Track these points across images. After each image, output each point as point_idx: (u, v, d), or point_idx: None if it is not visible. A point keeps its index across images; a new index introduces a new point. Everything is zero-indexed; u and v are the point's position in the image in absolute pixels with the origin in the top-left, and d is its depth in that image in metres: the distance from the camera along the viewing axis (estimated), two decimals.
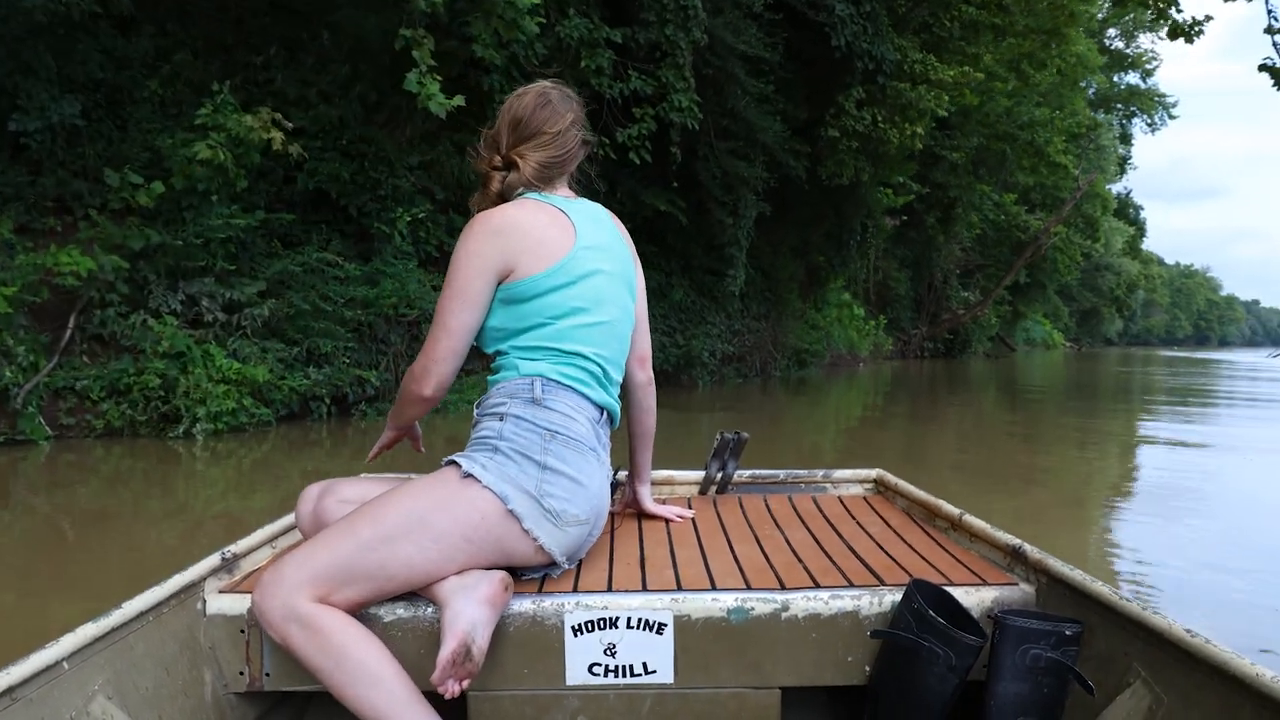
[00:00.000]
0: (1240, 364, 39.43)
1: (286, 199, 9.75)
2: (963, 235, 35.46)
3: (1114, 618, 1.68)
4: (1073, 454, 7.99)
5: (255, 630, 1.77)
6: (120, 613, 1.57)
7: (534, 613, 1.76)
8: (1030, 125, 29.25)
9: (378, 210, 9.98)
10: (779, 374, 19.26)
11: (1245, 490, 6.35)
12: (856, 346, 26.65)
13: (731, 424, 10.01)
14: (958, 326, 37.21)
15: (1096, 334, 78.36)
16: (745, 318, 17.95)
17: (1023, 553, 1.98)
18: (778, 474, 3.00)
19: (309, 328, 8.94)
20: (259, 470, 6.53)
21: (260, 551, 2.13)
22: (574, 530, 1.86)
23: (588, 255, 1.96)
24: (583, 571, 1.97)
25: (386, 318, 9.80)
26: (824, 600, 1.79)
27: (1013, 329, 47.78)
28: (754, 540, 2.26)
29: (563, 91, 2.11)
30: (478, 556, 1.77)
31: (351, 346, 9.39)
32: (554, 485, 1.82)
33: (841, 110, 14.09)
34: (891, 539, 2.29)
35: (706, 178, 13.78)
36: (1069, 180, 37.89)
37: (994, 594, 1.86)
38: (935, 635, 1.66)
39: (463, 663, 1.59)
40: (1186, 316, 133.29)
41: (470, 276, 1.90)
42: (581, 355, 1.94)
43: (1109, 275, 64.52)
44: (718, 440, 2.82)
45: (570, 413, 1.89)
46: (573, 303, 1.94)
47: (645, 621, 1.76)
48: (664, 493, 2.88)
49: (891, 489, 2.84)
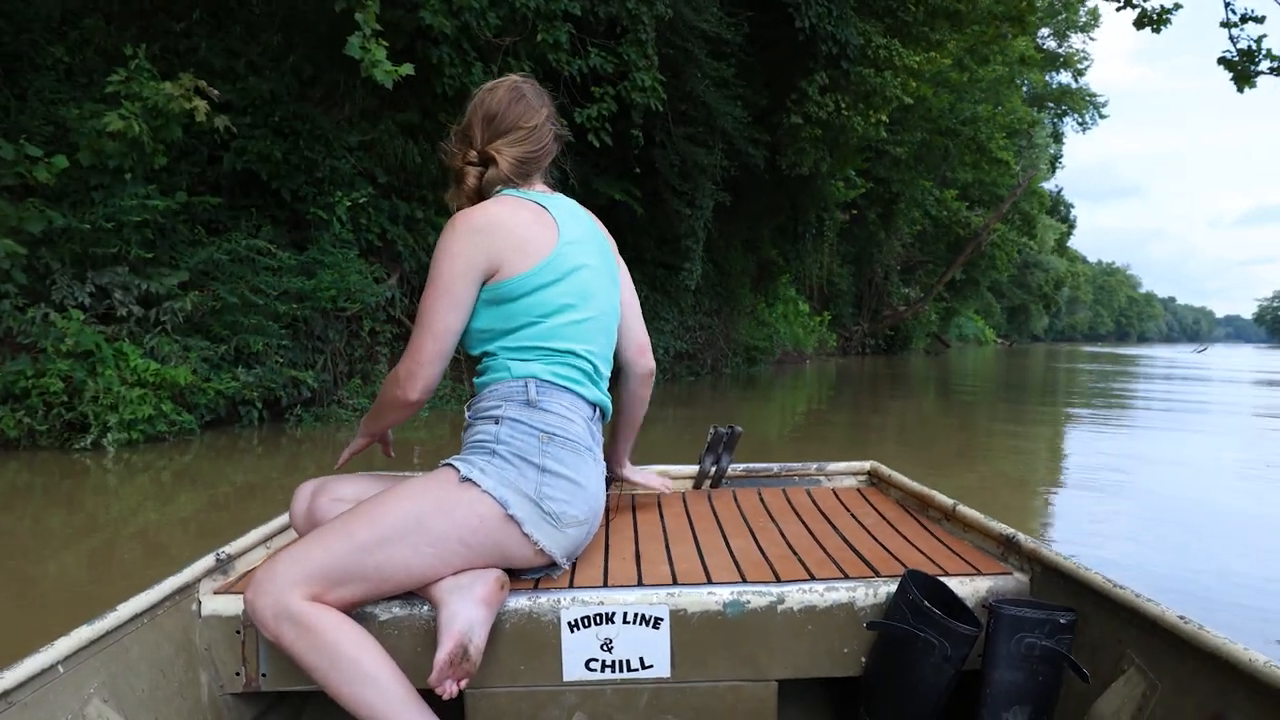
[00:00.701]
0: (1160, 359, 40.05)
1: (212, 181, 8.80)
2: (904, 231, 35.40)
3: (1108, 605, 1.69)
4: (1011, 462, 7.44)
5: (251, 631, 1.76)
6: (115, 615, 1.55)
7: (530, 609, 1.76)
8: (973, 121, 29.21)
9: (314, 194, 9.06)
10: (730, 372, 18.64)
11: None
12: (802, 344, 26.23)
13: (689, 423, 9.58)
14: (899, 323, 37.17)
15: (1024, 330, 79.78)
16: (698, 314, 17.28)
17: (1016, 542, 1.99)
18: (771, 467, 3.00)
19: (237, 323, 8.00)
20: (181, 484, 5.64)
21: (255, 552, 2.09)
22: (573, 531, 1.85)
23: (572, 250, 1.93)
24: (578, 567, 1.96)
25: (324, 312, 8.89)
26: (819, 592, 1.80)
27: (947, 326, 48.09)
28: (749, 533, 2.26)
29: (534, 85, 2.09)
30: (475, 559, 1.75)
31: (285, 344, 8.48)
32: (553, 488, 1.81)
33: (804, 96, 13.44)
34: (886, 530, 2.30)
35: (664, 165, 13.04)
36: (1008, 177, 38.15)
37: (988, 583, 1.87)
38: (930, 625, 1.67)
39: (460, 663, 1.59)
40: (1109, 313, 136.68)
41: (454, 276, 1.85)
42: (573, 353, 1.92)
43: (1038, 272, 65.55)
44: (711, 434, 2.80)
45: (566, 413, 1.87)
46: (561, 300, 1.90)
47: (641, 616, 1.76)
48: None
49: (885, 481, 2.84)
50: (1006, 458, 7.21)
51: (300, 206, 9.04)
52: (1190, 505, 5.41)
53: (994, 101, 31.73)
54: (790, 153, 14.36)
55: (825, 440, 8.30)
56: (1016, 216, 40.30)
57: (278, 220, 9.16)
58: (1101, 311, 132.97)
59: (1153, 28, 13.42)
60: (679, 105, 12.77)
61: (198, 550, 1.95)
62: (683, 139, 13.06)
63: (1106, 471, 6.55)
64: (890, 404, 12.61)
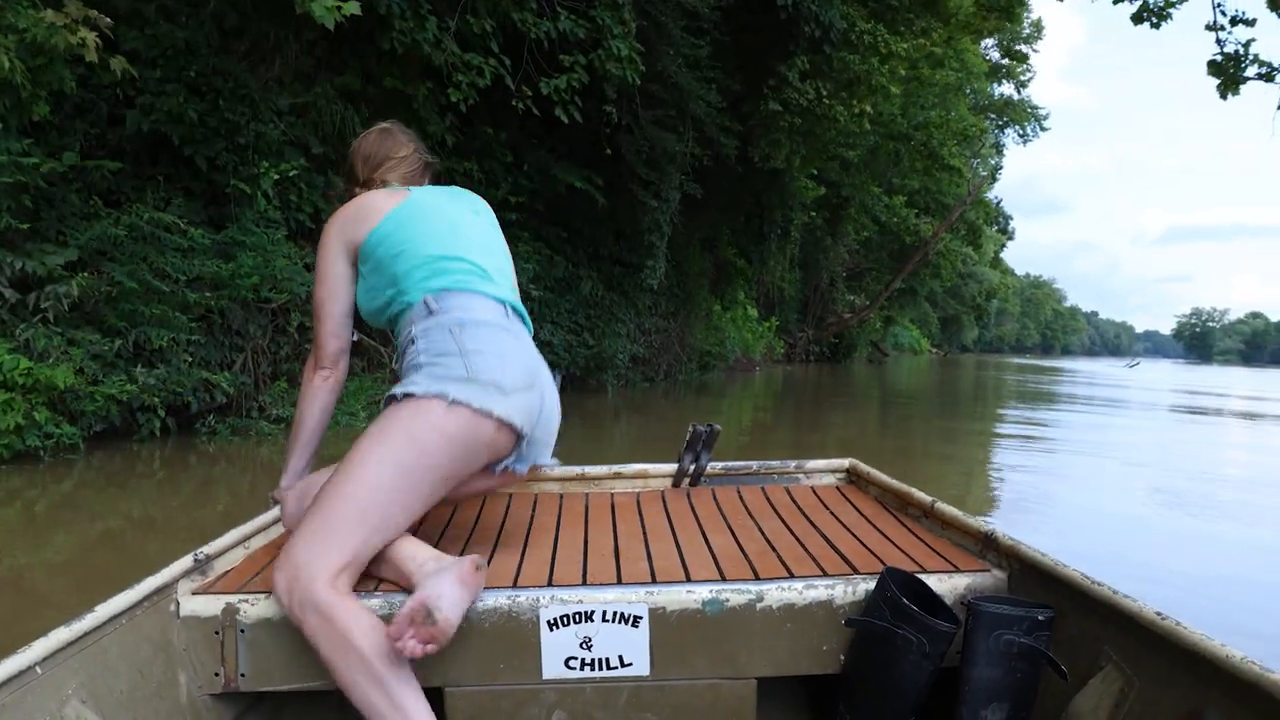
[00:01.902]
0: (1096, 375, 39.85)
1: (112, 144, 7.39)
2: (850, 237, 34.75)
3: (1085, 602, 1.68)
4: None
5: (230, 631, 1.75)
6: (93, 616, 1.54)
7: (509, 608, 1.76)
8: (925, 126, 28.60)
9: (235, 164, 7.69)
10: (683, 378, 17.51)
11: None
12: (751, 349, 25.31)
13: (646, 430, 8.99)
14: (843, 330, 36.56)
15: (955, 341, 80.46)
16: (654, 315, 16.12)
17: (994, 539, 1.98)
18: (751, 465, 2.97)
19: (137, 314, 6.62)
20: (59, 517, 4.35)
21: (233, 552, 2.06)
22: (522, 396, 1.88)
23: (422, 197, 2.08)
24: (557, 565, 1.97)
25: (244, 303, 7.53)
26: (798, 590, 1.79)
27: (884, 334, 47.81)
28: (728, 531, 2.26)
29: (401, 126, 2.32)
30: (458, 465, 1.82)
31: (196, 340, 7.11)
32: (481, 361, 1.85)
33: (784, 81, 12.35)
34: (865, 528, 2.30)
35: (630, 151, 11.86)
36: (955, 186, 37.85)
37: (967, 580, 1.87)
38: (909, 623, 1.66)
39: (422, 623, 1.57)
40: (1035, 326, 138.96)
41: (327, 263, 2.05)
42: (454, 258, 2.00)
43: (972, 283, 65.80)
44: (690, 433, 2.79)
45: (468, 305, 1.95)
46: (422, 225, 2.01)
47: (620, 614, 1.75)
48: (638, 485, 2.88)
49: (864, 478, 2.82)
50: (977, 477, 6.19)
51: (219, 178, 7.67)
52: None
53: (945, 108, 31.31)
54: (763, 143, 13.27)
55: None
56: (962, 226, 40.03)
57: (192, 193, 7.78)
58: (1028, 324, 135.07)
59: (1151, 23, 12.64)
60: (648, 86, 11.59)
61: (78, 607, 1.59)
62: (651, 123, 11.89)
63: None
64: (859, 415, 11.60)
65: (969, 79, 35.53)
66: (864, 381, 21.97)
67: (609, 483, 2.86)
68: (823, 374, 26.07)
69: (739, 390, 16.25)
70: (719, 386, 17.32)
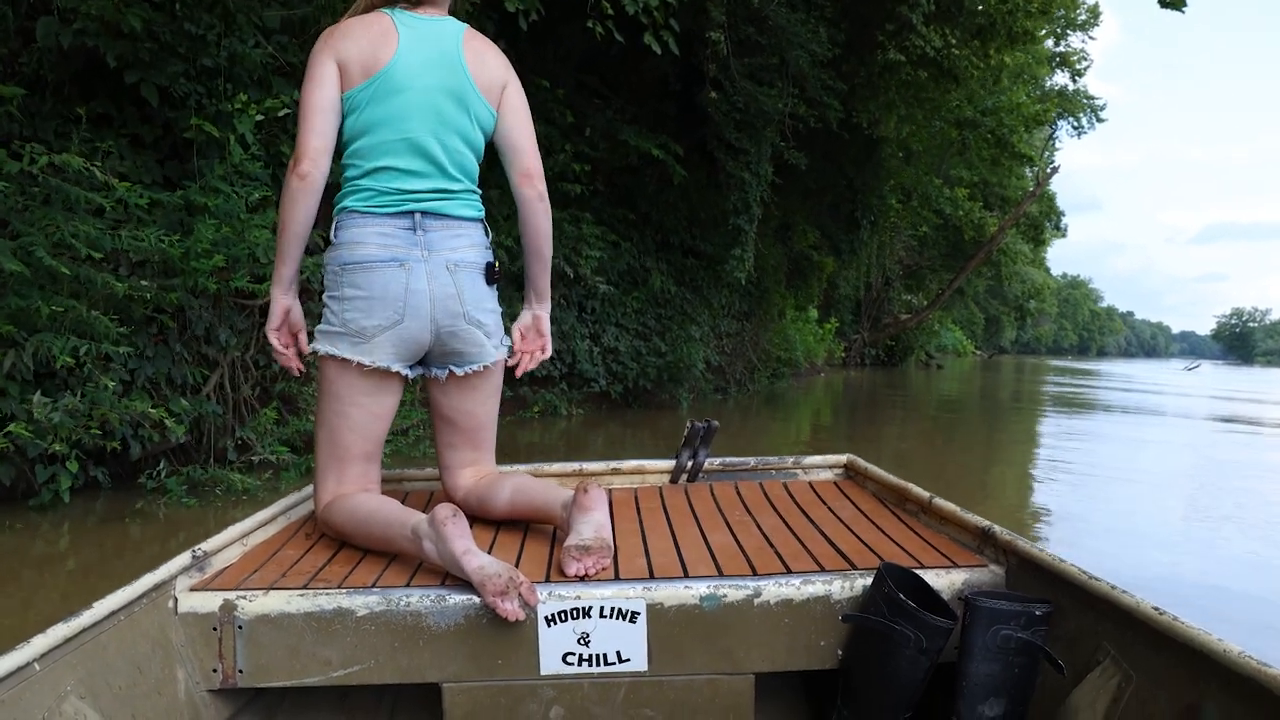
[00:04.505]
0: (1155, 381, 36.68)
1: (26, 70, 5.08)
2: (906, 233, 32.27)
3: (1083, 597, 1.68)
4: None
5: (228, 627, 1.76)
6: (91, 612, 1.54)
7: None
8: (994, 111, 26.09)
9: (199, 96, 5.32)
10: (757, 388, 15.06)
11: None
12: (813, 353, 22.86)
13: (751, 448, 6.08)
14: (899, 332, 34.13)
15: (993, 342, 77.97)
16: (727, 316, 13.69)
17: (992, 534, 1.98)
18: (748, 461, 2.95)
19: (32, 313, 4.25)
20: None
21: (231, 549, 2.07)
22: (384, 336, 2.11)
23: (400, 72, 2.10)
24: (555, 560, 1.98)
25: (208, 296, 5.18)
26: (796, 586, 1.80)
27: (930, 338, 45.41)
28: (726, 527, 2.27)
29: None
30: (362, 394, 2.16)
31: (132, 351, 4.76)
32: (351, 310, 2.10)
33: (907, 26, 9.86)
34: (862, 523, 2.30)
35: (719, 110, 9.44)
36: (1018, 178, 35.44)
37: (964, 576, 1.87)
38: (906, 618, 1.67)
39: (578, 557, 1.87)
40: (1072, 327, 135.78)
41: (316, 67, 2.09)
42: (381, 170, 2.12)
43: (1015, 283, 63.16)
44: (688, 428, 2.81)
45: (358, 238, 2.10)
46: (374, 119, 2.10)
47: (618, 610, 1.76)
48: (635, 481, 2.88)
49: (862, 474, 2.82)
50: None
51: (175, 115, 5.31)
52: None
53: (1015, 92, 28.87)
54: (872, 105, 10.77)
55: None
56: (1024, 221, 37.57)
57: (140, 142, 5.42)
58: (1065, 325, 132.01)
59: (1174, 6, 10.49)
60: (743, 29, 9.19)
61: None
62: (744, 75, 9.46)
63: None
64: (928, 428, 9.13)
65: (1034, 65, 33.22)
66: (922, 387, 19.78)
67: (607, 479, 2.86)
68: (878, 379, 23.74)
69: (807, 398, 13.94)
70: (792, 396, 14.95)
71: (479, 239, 2.22)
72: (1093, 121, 52.27)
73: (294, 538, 2.23)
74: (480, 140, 2.24)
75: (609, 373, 10.16)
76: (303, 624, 1.75)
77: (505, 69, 2.26)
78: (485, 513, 2.27)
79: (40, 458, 4.38)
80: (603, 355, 10.08)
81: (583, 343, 9.71)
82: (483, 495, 2.28)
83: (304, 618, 1.75)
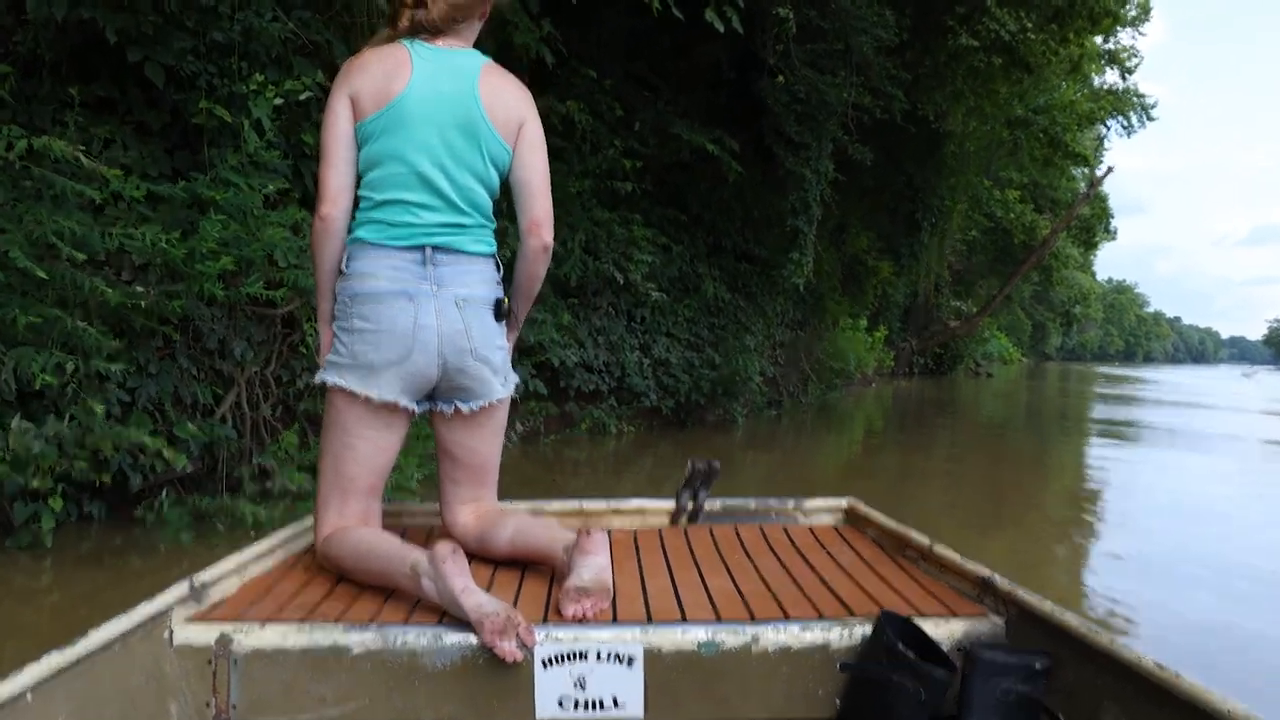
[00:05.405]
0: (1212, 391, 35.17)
1: (22, 49, 4.51)
2: (956, 237, 31.32)
3: (1084, 650, 1.66)
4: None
5: (223, 661, 1.74)
6: (85, 642, 1.52)
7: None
8: (1047, 110, 25.12)
9: (210, 76, 4.71)
10: (810, 400, 14.28)
11: None
12: (864, 363, 22.03)
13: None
14: (948, 340, 33.14)
15: (1038, 349, 76.47)
16: (781, 325, 12.95)
17: (993, 584, 1.96)
18: (749, 503, 2.93)
19: (9, 322, 3.62)
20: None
21: (228, 580, 2.02)
22: (392, 371, 2.09)
23: (412, 105, 2.09)
24: (552, 602, 1.96)
25: (220, 305, 4.56)
26: (794, 633, 1.79)
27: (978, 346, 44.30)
28: (725, 571, 2.25)
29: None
30: (367, 427, 2.14)
31: (130, 368, 4.14)
32: (361, 343, 2.08)
33: (980, 7, 9.10)
34: (862, 569, 2.28)
35: (778, 101, 8.73)
36: (1069, 180, 34.40)
37: (964, 626, 1.85)
38: (905, 668, 1.64)
39: (578, 600, 1.84)
40: (1119, 332, 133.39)
41: (333, 100, 2.12)
42: (391, 203, 2.10)
43: (1062, 288, 61.84)
44: (689, 470, 2.79)
45: (368, 270, 2.09)
46: (386, 152, 2.10)
47: (615, 654, 1.74)
48: (635, 521, 2.83)
49: (862, 519, 2.78)
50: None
51: (183, 99, 4.69)
52: None
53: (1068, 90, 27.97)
54: (938, 96, 10.00)
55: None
56: (1076, 224, 36.49)
57: (146, 129, 4.81)
58: (1111, 330, 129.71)
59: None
60: (804, 12, 8.47)
61: None
62: (805, 63, 8.75)
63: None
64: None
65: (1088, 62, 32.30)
66: (983, 400, 18.91)
67: (606, 518, 2.80)
68: (928, 389, 23.15)
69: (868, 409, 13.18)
70: (846, 407, 14.19)
71: (490, 274, 2.21)
72: (1143, 120, 50.92)
73: (292, 570, 2.19)
74: (493, 176, 2.20)
75: (660, 386, 9.45)
76: (298, 659, 1.72)
77: (525, 106, 2.23)
78: (485, 551, 2.25)
79: (20, 493, 3.75)
80: (653, 367, 9.38)
81: (632, 354, 9.01)
82: (483, 533, 2.26)
83: (300, 653, 1.72)
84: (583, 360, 8.34)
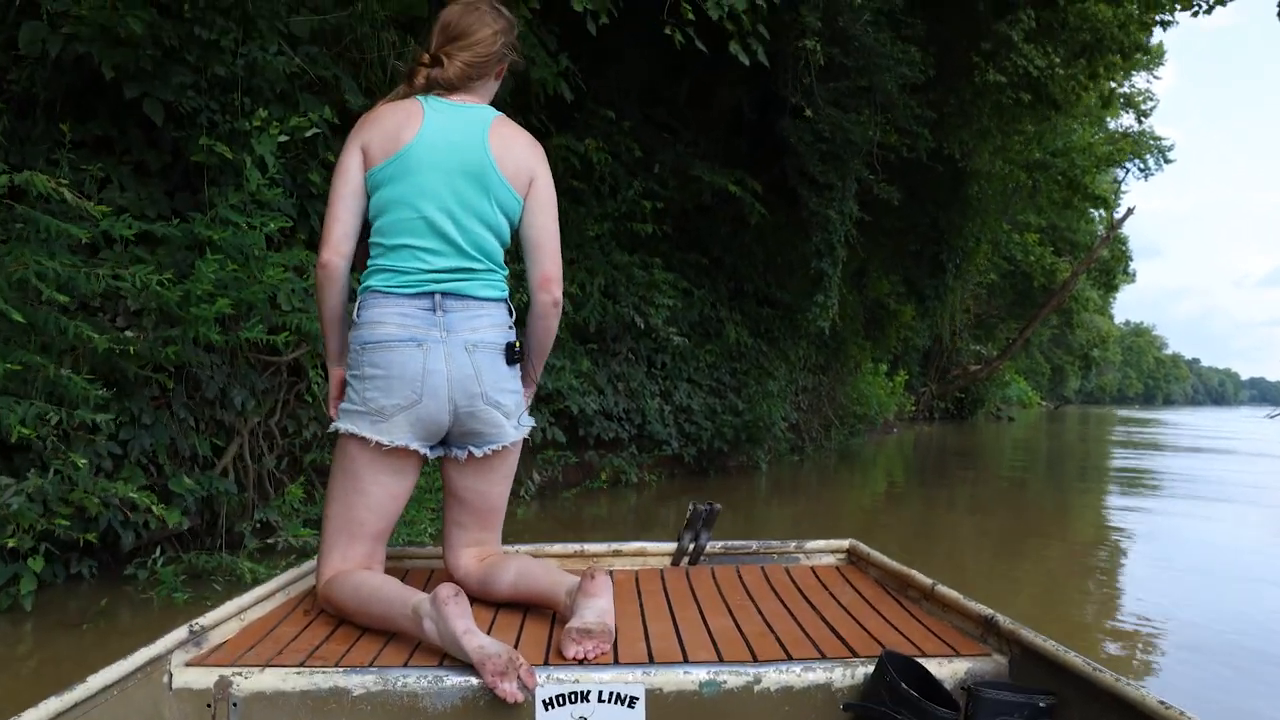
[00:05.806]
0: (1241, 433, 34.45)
1: (16, 86, 4.31)
2: (972, 279, 31.05)
3: (1088, 689, 1.65)
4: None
5: (222, 704, 1.72)
6: (84, 687, 1.51)
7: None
8: (1066, 152, 24.94)
9: (211, 112, 4.48)
10: (833, 446, 13.93)
11: None
12: (884, 407, 21.67)
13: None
14: (969, 384, 32.75)
15: (1056, 392, 75.79)
16: (803, 370, 12.64)
17: (995, 623, 1.96)
18: (750, 544, 2.92)
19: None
20: None
21: (229, 624, 2.01)
22: (404, 417, 2.10)
23: (422, 152, 2.11)
24: (554, 643, 1.95)
25: (220, 351, 4.29)
26: (796, 673, 1.78)
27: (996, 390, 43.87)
28: (726, 611, 2.24)
29: (494, 5, 2.27)
30: (380, 471, 2.14)
31: (119, 419, 3.87)
32: (371, 389, 2.09)
33: (1007, 43, 8.88)
34: (864, 609, 2.27)
35: (802, 141, 8.50)
36: (1088, 222, 34.14)
37: (967, 665, 1.85)
38: (908, 708, 1.63)
39: (580, 640, 1.83)
40: (1137, 375, 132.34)
41: (345, 154, 2.16)
42: (400, 248, 2.13)
43: (1080, 332, 61.39)
44: (690, 511, 2.79)
45: (379, 317, 2.11)
46: (396, 197, 2.12)
47: (617, 695, 1.73)
48: (637, 563, 2.82)
49: (864, 559, 2.77)
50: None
51: (183, 137, 4.47)
52: None
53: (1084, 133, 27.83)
54: (964, 134, 9.76)
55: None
56: (1095, 267, 36.19)
57: (145, 169, 4.58)
58: (1130, 373, 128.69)
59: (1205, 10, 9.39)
60: (827, 49, 8.27)
61: None
62: (828, 102, 8.53)
63: None
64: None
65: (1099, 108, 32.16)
66: (994, 442, 18.58)
67: (608, 560, 2.80)
68: (949, 434, 22.53)
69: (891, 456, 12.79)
70: (869, 454, 13.82)
71: (500, 319, 2.21)
72: (1160, 163, 50.81)
73: (292, 614, 2.16)
74: (502, 223, 2.21)
75: (681, 434, 9.13)
76: (298, 703, 1.71)
77: (536, 160, 2.24)
78: (486, 594, 2.23)
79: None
80: (674, 414, 9.07)
81: (653, 401, 8.71)
82: (485, 576, 2.24)
83: (299, 696, 1.71)
84: (602, 408, 8.03)
